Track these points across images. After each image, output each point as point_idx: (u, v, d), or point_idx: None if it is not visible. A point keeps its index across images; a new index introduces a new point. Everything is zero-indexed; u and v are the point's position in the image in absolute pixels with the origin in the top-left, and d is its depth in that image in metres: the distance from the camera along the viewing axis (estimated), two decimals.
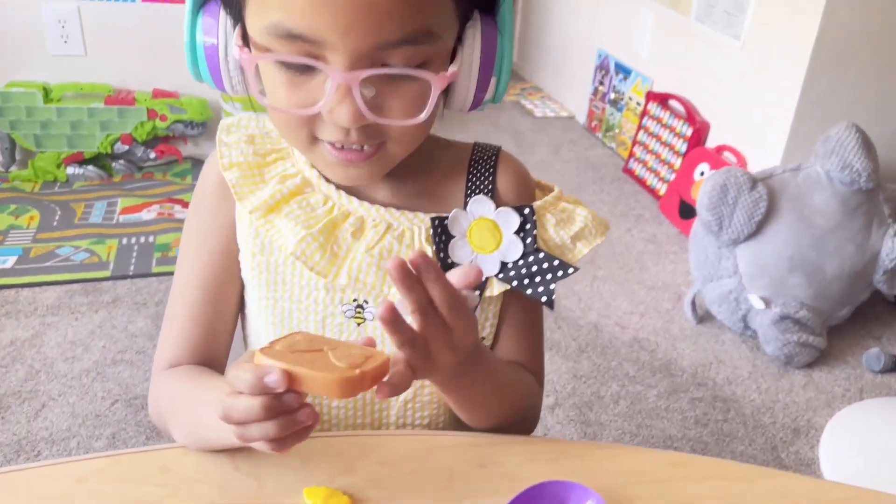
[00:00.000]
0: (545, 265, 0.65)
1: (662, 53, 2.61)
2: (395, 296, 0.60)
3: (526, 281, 0.65)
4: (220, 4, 0.58)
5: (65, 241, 2.04)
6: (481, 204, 0.67)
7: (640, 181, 2.64)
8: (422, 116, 0.57)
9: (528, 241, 0.66)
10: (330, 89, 0.54)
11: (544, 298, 0.65)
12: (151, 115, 2.32)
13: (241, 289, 0.71)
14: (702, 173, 2.29)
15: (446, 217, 0.66)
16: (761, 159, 2.12)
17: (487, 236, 0.66)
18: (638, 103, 2.72)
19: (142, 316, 1.78)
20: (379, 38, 0.52)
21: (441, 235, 0.66)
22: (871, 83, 2.03)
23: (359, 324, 0.67)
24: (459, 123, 2.85)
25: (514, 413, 0.67)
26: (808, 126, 2.03)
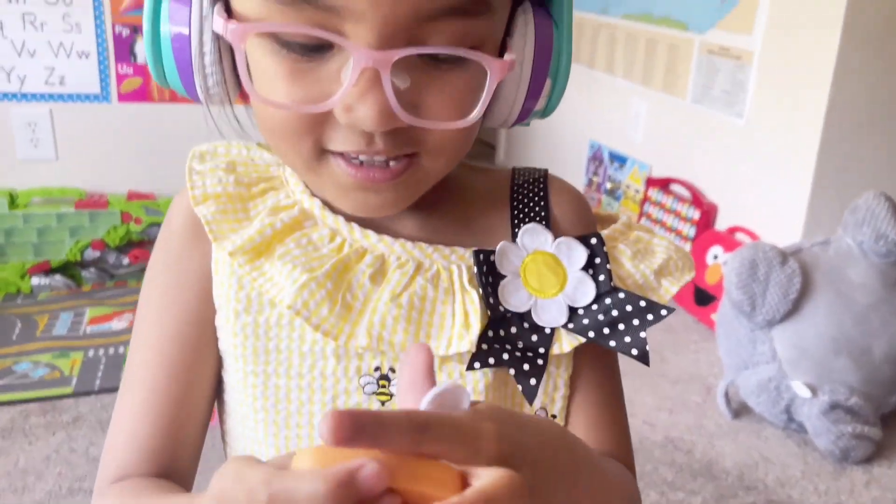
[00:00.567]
0: (629, 308, 0.49)
1: (659, 138, 2.53)
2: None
3: (606, 330, 0.48)
4: None
5: (23, 356, 1.82)
6: (535, 234, 0.50)
7: None
8: (473, 116, 0.42)
9: (601, 278, 0.49)
10: (349, 77, 0.38)
11: (634, 351, 0.48)
12: (125, 218, 2.17)
13: (217, 367, 0.52)
14: (715, 257, 2.15)
15: (492, 252, 0.49)
16: (778, 237, 1.99)
17: (547, 275, 0.49)
18: (636, 190, 2.62)
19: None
20: (421, 4, 0.38)
21: (488, 276, 0.49)
22: (890, 149, 1.94)
23: (383, 402, 0.48)
24: None
25: None
26: (827, 198, 1.91)
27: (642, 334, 0.48)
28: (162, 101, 2.19)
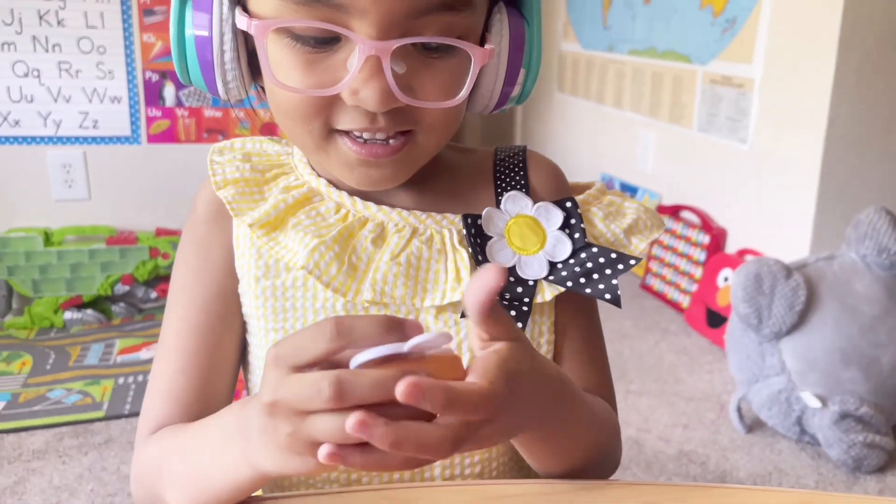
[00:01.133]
0: (601, 259, 0.55)
1: (668, 167, 2.60)
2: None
3: (582, 280, 0.55)
4: None
5: (56, 384, 1.90)
6: (517, 200, 0.57)
7: (659, 296, 2.54)
8: (460, 96, 0.49)
9: (576, 236, 0.56)
10: (356, 64, 0.46)
11: (608, 296, 0.54)
12: (153, 253, 2.26)
13: (241, 332, 0.59)
14: (725, 279, 2.19)
15: (479, 216, 0.56)
16: (787, 257, 2.03)
17: (529, 235, 0.56)
18: None
19: None
20: (414, 1, 0.45)
21: (476, 237, 0.55)
22: (891, 165, 1.98)
23: None
24: None
25: (597, 454, 0.53)
26: (832, 216, 1.96)
27: (614, 281, 0.54)
28: (188, 141, 2.30)
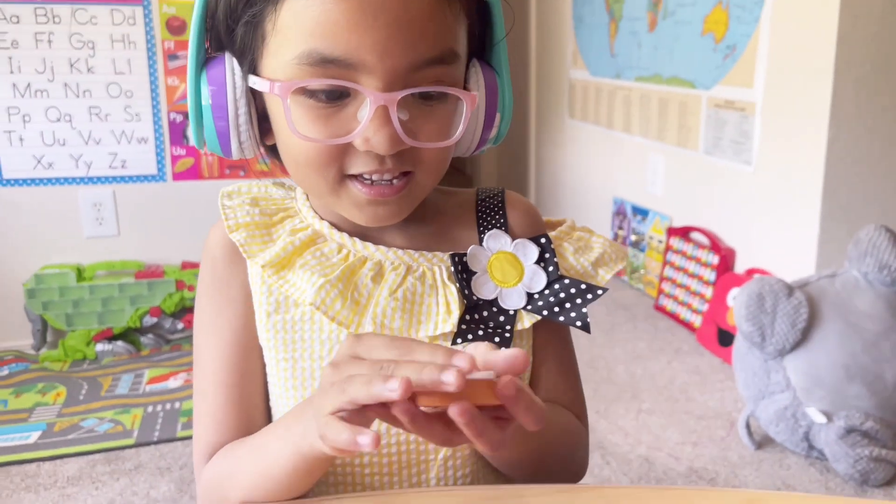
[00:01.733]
0: (573, 290, 0.62)
1: (677, 190, 2.65)
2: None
3: (556, 309, 0.61)
4: (227, 55, 0.57)
5: (89, 414, 1.99)
6: (497, 238, 0.65)
7: (672, 316, 2.58)
8: (456, 136, 0.57)
9: (551, 269, 0.63)
10: (366, 115, 0.53)
11: (579, 323, 0.60)
12: (180, 285, 2.36)
13: (263, 360, 0.67)
14: (734, 298, 2.23)
15: (464, 254, 0.63)
16: (794, 275, 2.07)
17: (509, 269, 0.63)
18: (659, 241, 2.73)
19: (165, 480, 1.69)
20: (414, 57, 0.53)
21: (462, 273, 0.62)
22: (892, 180, 2.02)
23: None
24: None
25: (562, 461, 0.59)
26: (836, 234, 2.00)
27: (584, 310, 0.61)
28: (212, 177, 2.41)
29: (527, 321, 0.62)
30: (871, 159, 1.99)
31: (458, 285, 0.62)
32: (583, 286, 0.62)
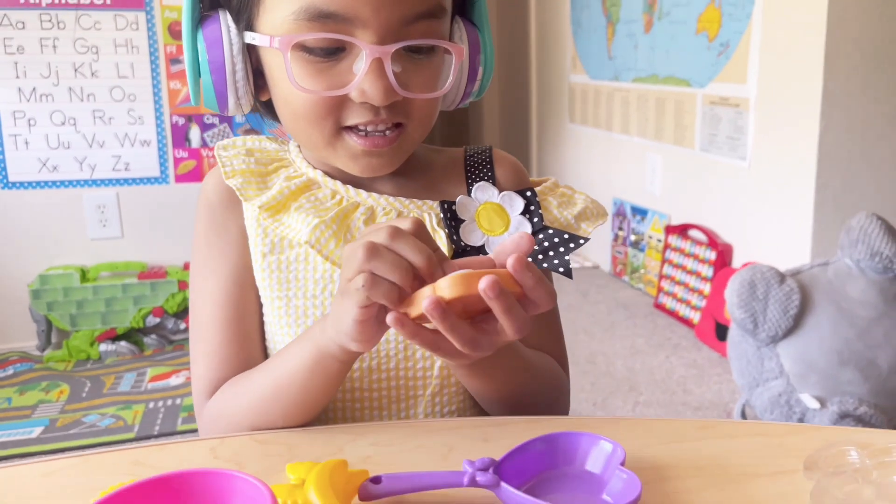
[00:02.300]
0: (556, 240, 0.64)
1: (674, 188, 2.67)
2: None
3: (540, 256, 0.64)
4: (222, 12, 0.60)
5: (91, 410, 2.01)
6: (485, 190, 0.67)
7: (672, 314, 2.59)
8: (445, 87, 0.60)
9: (535, 220, 0.66)
10: (362, 68, 0.56)
11: (561, 269, 0.63)
12: (182, 286, 2.39)
13: (259, 299, 0.69)
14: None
15: (453, 203, 0.66)
16: (789, 267, 2.08)
17: (495, 219, 0.66)
18: (658, 240, 2.74)
19: None
20: (405, 11, 0.56)
21: (451, 220, 0.65)
22: (883, 171, 2.04)
23: None
24: None
25: (541, 401, 0.62)
26: (829, 225, 2.01)
27: (566, 257, 0.63)
28: None
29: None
30: (862, 151, 2.00)
31: (447, 230, 0.65)
32: (566, 235, 0.64)
